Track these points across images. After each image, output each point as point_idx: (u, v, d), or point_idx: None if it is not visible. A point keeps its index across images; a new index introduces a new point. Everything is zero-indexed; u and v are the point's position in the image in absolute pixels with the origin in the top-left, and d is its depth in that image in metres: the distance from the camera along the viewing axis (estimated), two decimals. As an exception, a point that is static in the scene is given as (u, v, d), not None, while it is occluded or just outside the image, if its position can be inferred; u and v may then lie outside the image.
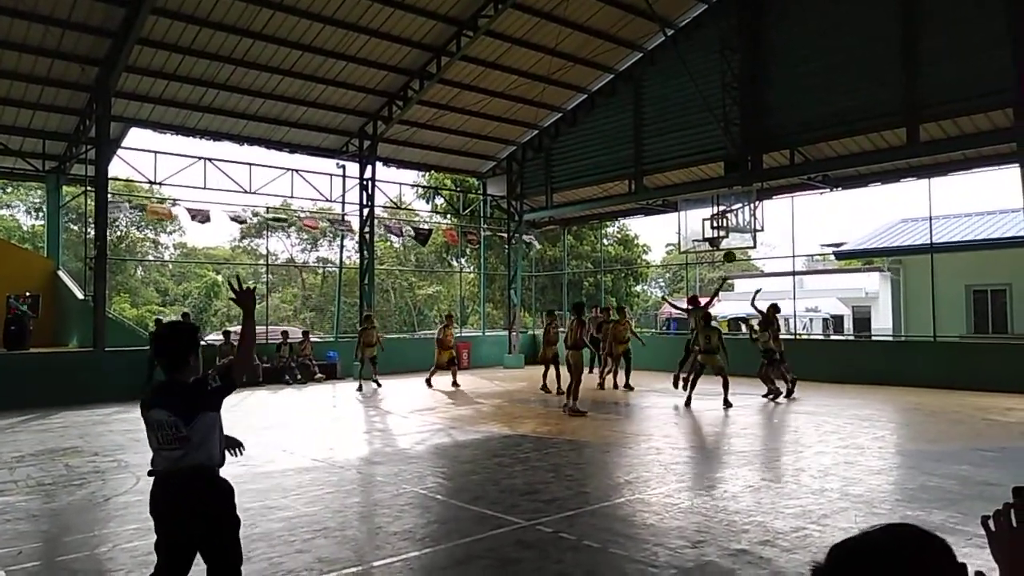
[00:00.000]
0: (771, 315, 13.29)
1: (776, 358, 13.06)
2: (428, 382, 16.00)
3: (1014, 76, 12.15)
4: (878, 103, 14.15)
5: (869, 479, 6.99)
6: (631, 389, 14.82)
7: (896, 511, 5.87)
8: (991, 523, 1.32)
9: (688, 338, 14.31)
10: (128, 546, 5.09)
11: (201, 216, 16.95)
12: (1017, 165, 12.92)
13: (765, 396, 12.90)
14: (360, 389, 15.57)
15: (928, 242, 17.03)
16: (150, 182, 17.25)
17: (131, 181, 18.32)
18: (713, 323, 13.63)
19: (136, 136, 32.34)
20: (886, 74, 13.98)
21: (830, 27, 14.76)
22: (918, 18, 13.56)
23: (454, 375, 16.22)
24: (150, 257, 37.67)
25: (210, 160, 17.06)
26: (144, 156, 16.71)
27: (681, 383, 13.47)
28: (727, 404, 11.99)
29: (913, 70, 13.63)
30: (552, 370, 14.39)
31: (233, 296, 3.38)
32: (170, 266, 38.83)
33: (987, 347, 15.72)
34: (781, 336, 13.62)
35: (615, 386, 15.19)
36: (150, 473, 3.25)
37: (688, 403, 12.22)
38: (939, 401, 12.69)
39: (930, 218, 16.98)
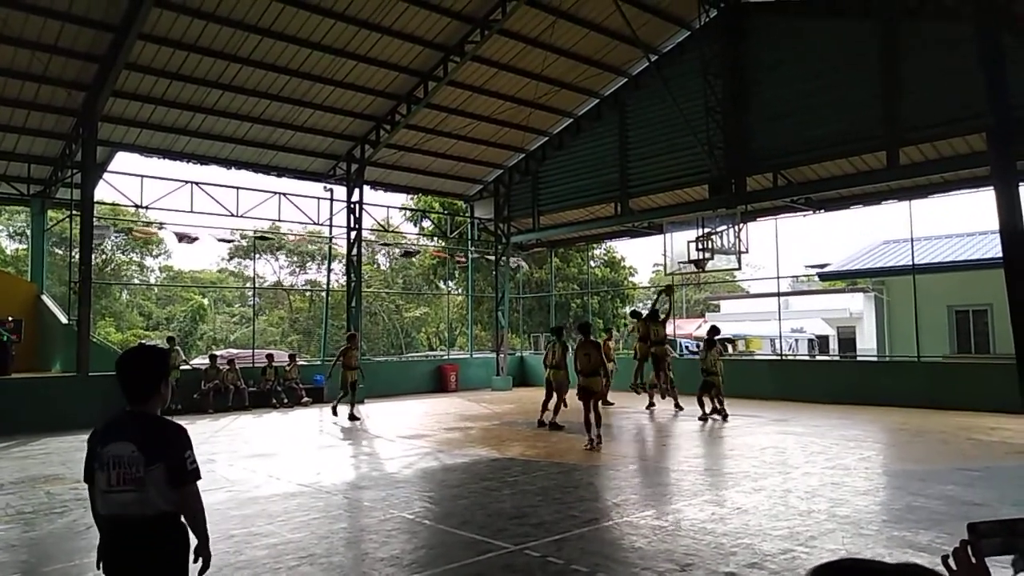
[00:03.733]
0: (710, 337, 13.96)
1: (710, 381, 13.37)
2: (334, 410, 15.00)
3: (987, 100, 12.40)
4: (859, 127, 14.39)
5: (856, 500, 7.02)
6: (610, 404, 15.22)
7: (883, 532, 5.89)
8: (951, 561, 1.34)
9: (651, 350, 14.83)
10: None
11: (187, 239, 16.91)
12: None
13: (701, 418, 13.29)
14: (340, 414, 14.73)
15: (910, 263, 17.26)
16: (136, 206, 17.20)
17: (117, 205, 18.23)
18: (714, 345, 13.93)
19: (123, 160, 32.39)
20: (866, 98, 14.23)
21: (811, 52, 15.03)
22: (897, 43, 13.85)
23: (352, 404, 14.77)
24: (135, 281, 37.40)
25: (197, 184, 17.05)
26: (130, 180, 16.68)
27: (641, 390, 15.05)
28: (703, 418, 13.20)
29: (893, 94, 13.88)
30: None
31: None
32: (155, 290, 38.56)
33: (970, 367, 15.88)
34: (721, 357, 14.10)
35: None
36: (100, 518, 2.82)
37: (704, 418, 13.20)
38: (924, 421, 12.78)
39: (911, 239, 17.24)
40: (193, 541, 2.85)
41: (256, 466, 9.35)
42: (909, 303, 16.87)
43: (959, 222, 40.01)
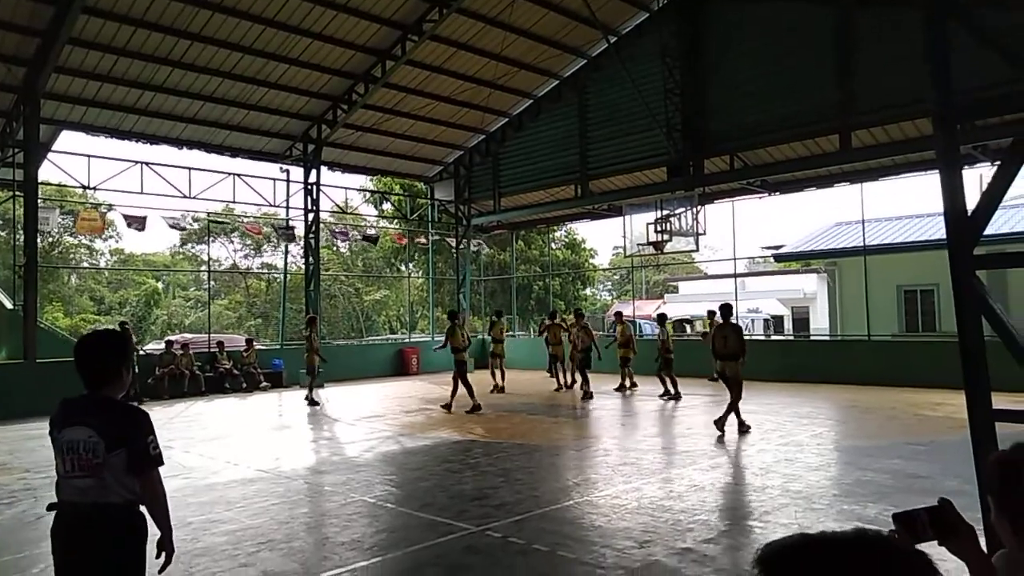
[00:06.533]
0: (660, 321, 14.97)
1: (661, 360, 14.07)
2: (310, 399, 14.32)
3: (933, 85, 12.72)
4: (813, 110, 14.64)
5: (808, 475, 7.23)
6: (568, 388, 15.62)
7: (833, 506, 6.08)
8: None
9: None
10: (62, 566, 4.90)
11: (137, 224, 16.42)
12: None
13: (661, 396, 13.78)
14: (315, 402, 14.20)
15: (861, 245, 17.71)
16: (83, 187, 16.63)
17: (63, 186, 17.63)
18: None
19: (69, 139, 31.16)
20: (821, 82, 14.46)
21: (767, 36, 15.20)
22: (851, 28, 14.08)
23: (311, 388, 14.34)
24: (84, 264, 36.28)
25: (147, 164, 16.56)
26: (77, 160, 16.11)
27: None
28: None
29: (846, 78, 14.13)
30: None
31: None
32: (106, 273, 37.46)
33: (918, 345, 16.42)
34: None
35: (569, 386, 15.57)
36: (50, 507, 2.72)
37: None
38: (874, 398, 13.19)
39: (863, 221, 17.66)
40: (156, 533, 2.75)
41: (214, 452, 9.21)
42: (860, 283, 17.33)
43: (908, 204, 41.19)
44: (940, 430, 9.78)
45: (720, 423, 9.78)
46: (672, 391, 13.77)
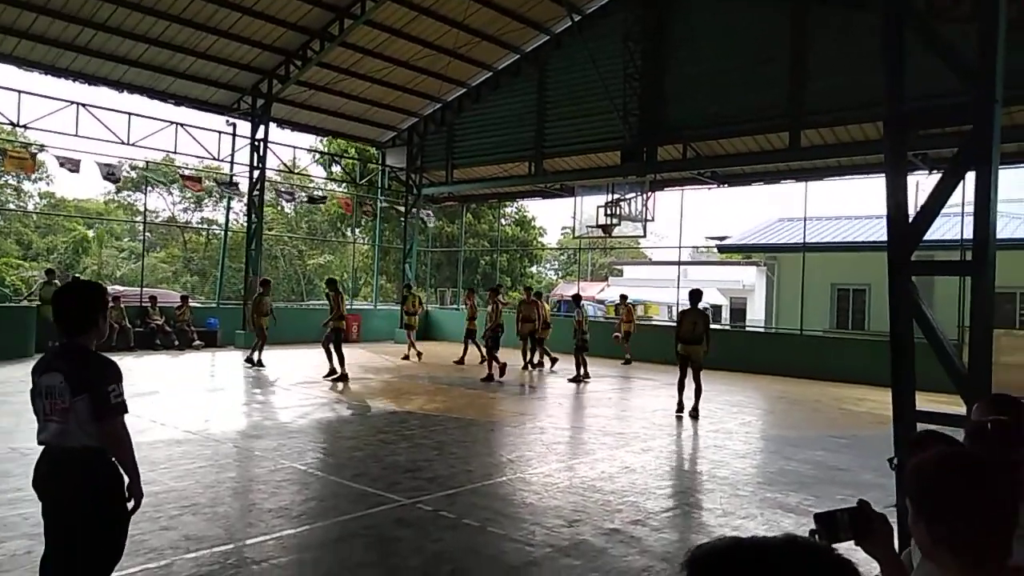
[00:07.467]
0: (576, 302, 14.87)
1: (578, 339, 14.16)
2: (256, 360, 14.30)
3: (885, 91, 13.06)
4: (766, 106, 14.86)
5: (734, 462, 7.43)
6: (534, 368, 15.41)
7: (757, 493, 6.27)
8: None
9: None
10: (-32, 522, 4.67)
11: (71, 164, 15.64)
12: (883, 175, 13.96)
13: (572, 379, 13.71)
14: (258, 364, 14.04)
15: (801, 241, 18.20)
16: (13, 124, 15.70)
17: (-10, 121, 16.59)
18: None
19: (-2, 72, 29.21)
20: (775, 79, 14.67)
21: (727, 29, 15.31)
22: (806, 27, 14.29)
23: (256, 350, 14.31)
24: (11, 206, 34.48)
25: (84, 105, 15.73)
26: (7, 95, 15.17)
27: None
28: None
29: (800, 78, 14.38)
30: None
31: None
32: (35, 217, 35.68)
33: (847, 341, 17.04)
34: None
35: (530, 366, 15.54)
36: (39, 443, 2.93)
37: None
38: (802, 390, 13.66)
39: (804, 219, 18.16)
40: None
41: (139, 410, 8.90)
42: (797, 279, 17.85)
43: (849, 205, 42.51)
44: (861, 425, 10.19)
45: (695, 413, 10.06)
46: (579, 372, 13.76)
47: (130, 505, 2.94)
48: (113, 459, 2.88)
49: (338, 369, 12.60)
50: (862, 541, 1.67)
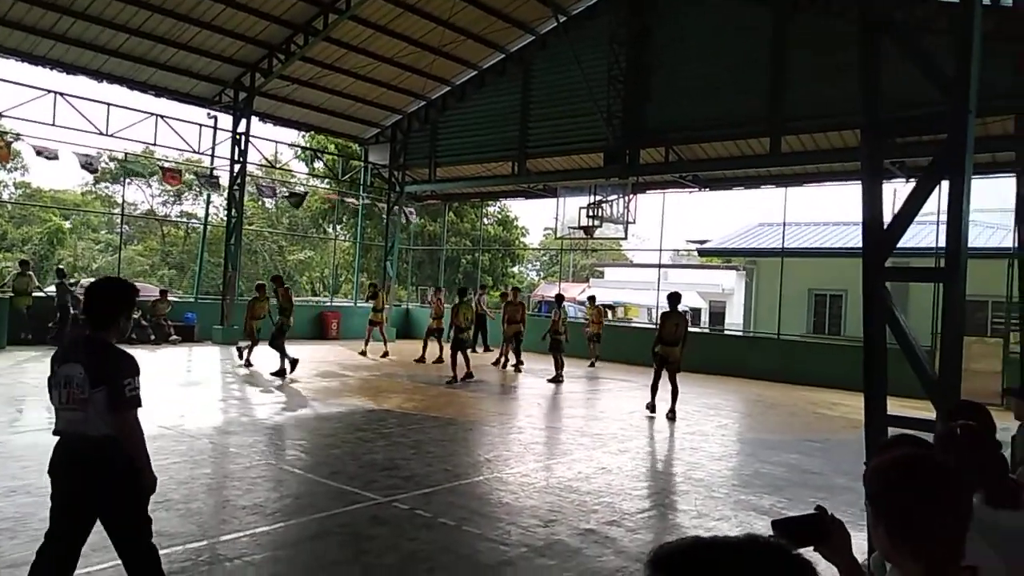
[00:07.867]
0: (557, 302, 15.15)
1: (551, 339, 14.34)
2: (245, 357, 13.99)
3: (862, 98, 13.23)
4: (748, 112, 14.99)
5: (710, 464, 7.49)
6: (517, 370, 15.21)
7: (732, 495, 6.33)
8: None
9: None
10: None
11: (48, 153, 15.40)
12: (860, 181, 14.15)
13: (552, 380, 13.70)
14: (246, 363, 13.69)
15: (780, 246, 18.39)
16: (-13, 112, 15.44)
17: (-36, 108, 16.28)
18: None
19: (-26, 58, 28.57)
20: (757, 85, 14.81)
21: (710, 34, 15.42)
22: (787, 35, 14.43)
23: (250, 351, 13.91)
24: (-16, 195, 33.89)
25: (61, 94, 15.50)
26: (-19, 82, 14.91)
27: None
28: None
29: (780, 84, 14.53)
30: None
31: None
32: (9, 207, 35.07)
33: (823, 346, 17.23)
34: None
35: (505, 366, 15.54)
36: (55, 433, 3.07)
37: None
38: (779, 394, 13.80)
39: (783, 224, 18.34)
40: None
41: (113, 405, 8.79)
42: (775, 283, 18.01)
43: (827, 212, 42.92)
44: (835, 429, 10.31)
45: (671, 414, 10.10)
46: (559, 372, 13.74)
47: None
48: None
49: (287, 367, 12.50)
50: (821, 547, 1.69)
